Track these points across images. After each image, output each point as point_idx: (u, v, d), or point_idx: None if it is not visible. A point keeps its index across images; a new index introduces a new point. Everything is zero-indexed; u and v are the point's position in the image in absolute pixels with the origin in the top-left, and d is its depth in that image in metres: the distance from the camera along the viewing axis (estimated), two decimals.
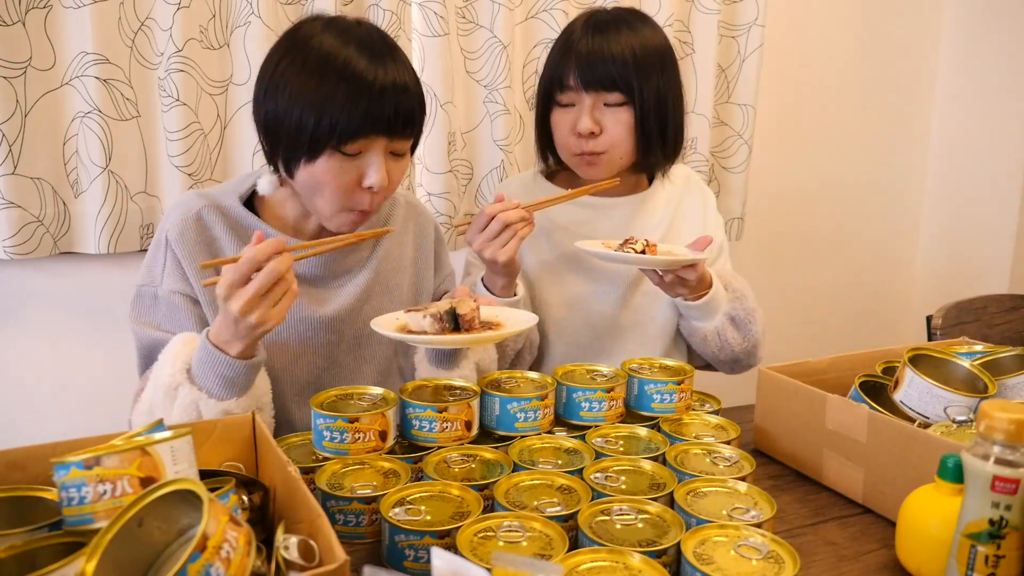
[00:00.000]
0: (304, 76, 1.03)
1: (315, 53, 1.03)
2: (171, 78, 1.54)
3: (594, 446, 0.97)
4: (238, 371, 0.96)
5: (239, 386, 0.98)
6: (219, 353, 0.96)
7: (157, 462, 0.65)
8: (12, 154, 1.46)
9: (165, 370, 0.99)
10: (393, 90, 1.03)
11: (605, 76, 1.26)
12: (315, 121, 1.01)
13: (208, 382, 0.96)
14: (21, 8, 1.45)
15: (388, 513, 0.79)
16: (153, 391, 1.00)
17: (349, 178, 1.06)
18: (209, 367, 0.96)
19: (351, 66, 1.02)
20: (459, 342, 1.03)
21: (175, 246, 1.11)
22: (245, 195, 1.18)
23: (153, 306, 1.11)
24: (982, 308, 1.87)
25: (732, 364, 1.40)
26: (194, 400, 0.96)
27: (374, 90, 1.02)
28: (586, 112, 1.28)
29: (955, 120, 2.61)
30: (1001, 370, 1.07)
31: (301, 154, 1.04)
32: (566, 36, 1.32)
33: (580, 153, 1.32)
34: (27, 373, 1.63)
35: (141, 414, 1.02)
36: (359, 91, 1.01)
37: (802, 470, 1.05)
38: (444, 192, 1.82)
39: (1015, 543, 0.70)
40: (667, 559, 0.74)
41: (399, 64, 1.06)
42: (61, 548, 0.63)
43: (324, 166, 1.04)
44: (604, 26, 1.28)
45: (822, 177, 2.52)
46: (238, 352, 0.95)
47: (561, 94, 1.30)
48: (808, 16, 2.38)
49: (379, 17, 1.69)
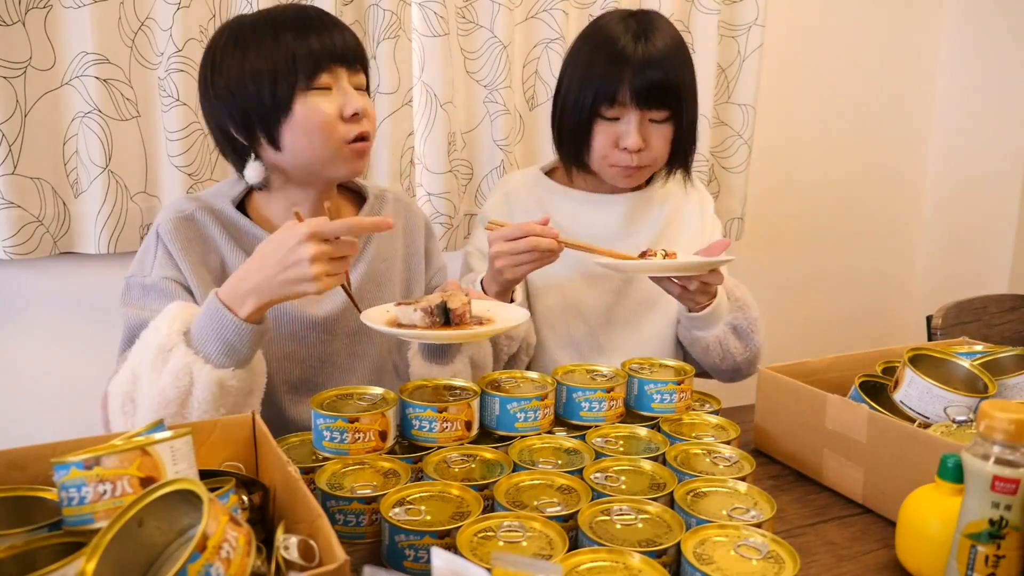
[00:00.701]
0: (243, 48, 1.06)
1: (247, 27, 1.08)
2: (171, 78, 1.54)
3: (594, 446, 0.97)
4: (243, 336, 0.94)
5: (240, 355, 0.95)
6: (228, 313, 0.93)
7: (157, 462, 0.65)
8: (12, 154, 1.46)
9: (161, 331, 0.95)
10: (332, 23, 1.10)
11: (659, 97, 1.28)
12: (271, 75, 1.05)
13: (208, 347, 0.94)
14: (21, 8, 1.45)
15: (388, 513, 0.79)
16: (140, 356, 0.96)
17: (330, 111, 1.08)
18: (212, 329, 0.93)
19: (286, 14, 1.08)
20: (450, 337, 1.02)
21: (167, 240, 1.11)
22: (237, 199, 1.19)
23: (143, 294, 1.10)
24: (982, 308, 1.87)
25: (733, 374, 1.40)
26: (188, 364, 0.93)
27: (316, 24, 1.07)
28: (635, 128, 1.29)
29: (955, 120, 2.61)
30: (1001, 370, 1.07)
31: (278, 114, 1.06)
32: (611, 46, 1.28)
33: (622, 166, 1.32)
34: (27, 373, 1.63)
35: (122, 382, 0.97)
36: (304, 28, 1.06)
37: (802, 470, 1.05)
38: (444, 192, 1.82)
39: (1015, 543, 0.70)
40: (667, 559, 0.74)
41: (321, 10, 1.12)
42: (61, 548, 0.63)
43: (302, 111, 1.06)
44: (651, 36, 1.27)
45: (822, 177, 2.52)
46: (249, 312, 0.93)
47: (610, 109, 1.29)
48: (808, 16, 2.38)
49: (379, 17, 1.69)
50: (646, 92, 1.26)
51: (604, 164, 1.34)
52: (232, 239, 1.15)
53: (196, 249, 1.13)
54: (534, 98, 1.94)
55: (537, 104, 1.94)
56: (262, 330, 0.96)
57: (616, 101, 1.27)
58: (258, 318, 0.95)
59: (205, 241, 1.14)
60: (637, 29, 1.28)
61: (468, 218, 1.94)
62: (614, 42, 1.27)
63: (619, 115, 1.29)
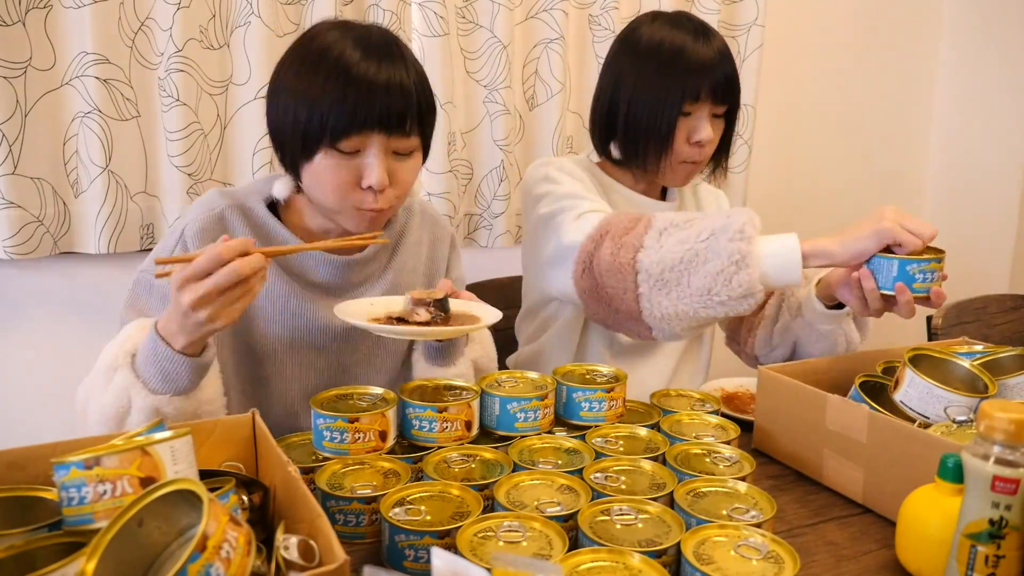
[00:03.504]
0: (301, 74, 1.02)
1: (314, 51, 1.03)
2: (171, 78, 1.54)
3: (594, 446, 0.97)
4: (179, 367, 0.93)
5: (177, 385, 0.94)
6: (163, 344, 0.92)
7: (157, 462, 0.65)
8: (12, 154, 1.46)
9: (112, 350, 0.96)
10: (386, 87, 1.01)
11: (729, 91, 1.31)
12: (307, 118, 1.00)
13: (146, 373, 0.93)
14: (21, 8, 1.45)
15: (388, 513, 0.79)
16: (96, 370, 0.97)
17: (347, 177, 1.03)
18: (151, 357, 0.93)
19: (343, 60, 1.00)
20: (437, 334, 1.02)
21: (190, 241, 1.09)
22: (270, 198, 1.16)
23: (147, 293, 1.09)
24: (982, 308, 1.87)
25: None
26: (127, 387, 0.93)
27: (362, 86, 1.00)
28: (707, 122, 1.31)
29: (955, 120, 2.61)
30: (1001, 370, 1.07)
31: (300, 153, 1.04)
32: (682, 47, 1.28)
33: (690, 161, 1.34)
34: (27, 373, 1.63)
35: (84, 387, 0.99)
36: (348, 86, 0.99)
37: (802, 470, 1.05)
38: (444, 192, 1.82)
39: (1015, 543, 0.70)
40: (667, 559, 0.74)
41: (397, 62, 1.03)
42: (61, 548, 0.63)
43: (321, 164, 1.03)
44: (708, 35, 1.30)
45: (822, 177, 2.52)
46: (182, 346, 0.92)
47: (692, 105, 1.30)
48: (808, 16, 2.38)
49: (379, 17, 1.69)
50: (724, 88, 1.30)
51: (677, 162, 1.35)
52: (259, 242, 1.12)
53: None
54: (534, 98, 1.94)
55: (537, 104, 1.95)
56: (201, 363, 0.95)
57: (698, 98, 1.29)
58: (194, 351, 0.94)
59: None
60: (694, 28, 1.31)
61: (468, 218, 1.94)
62: (683, 43, 1.29)
63: (692, 110, 1.31)
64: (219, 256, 0.85)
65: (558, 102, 1.93)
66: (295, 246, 1.04)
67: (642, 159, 1.34)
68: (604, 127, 1.38)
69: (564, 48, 1.91)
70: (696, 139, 1.31)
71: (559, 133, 1.95)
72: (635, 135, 1.33)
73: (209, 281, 0.86)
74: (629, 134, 1.34)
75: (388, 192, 1.06)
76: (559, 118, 1.94)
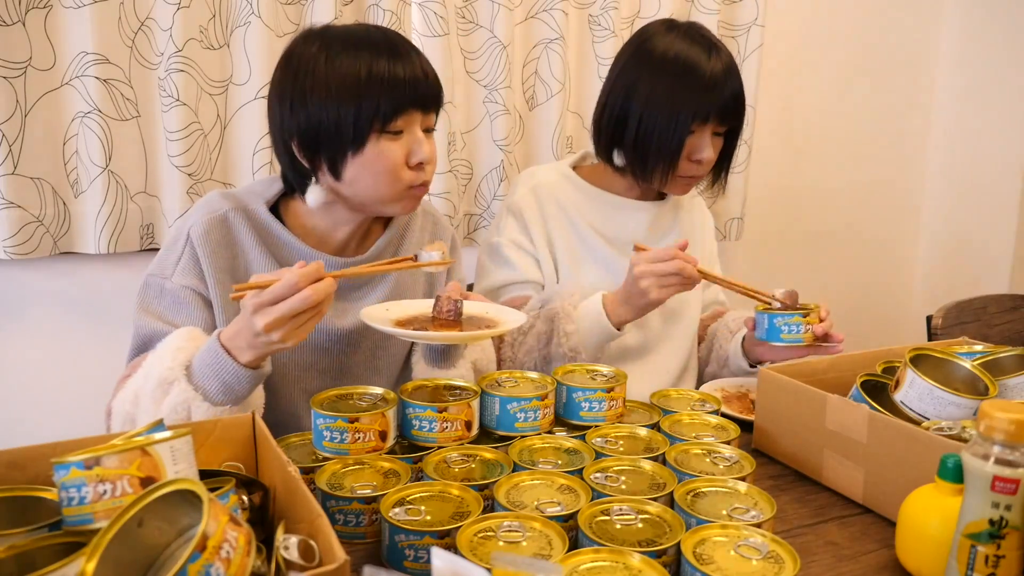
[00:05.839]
0: (333, 68, 1.03)
1: (337, 45, 1.04)
2: (171, 78, 1.54)
3: (594, 446, 0.97)
4: (241, 380, 0.95)
5: (237, 395, 0.96)
6: (227, 358, 0.94)
7: (157, 462, 0.65)
8: (12, 154, 1.46)
9: (164, 362, 0.97)
10: (420, 62, 1.07)
11: (735, 113, 1.35)
12: (355, 109, 1.03)
13: (207, 384, 0.95)
14: (21, 8, 1.45)
15: (388, 513, 0.79)
16: (143, 380, 0.97)
17: (398, 158, 1.06)
18: (212, 369, 0.95)
19: (376, 43, 1.05)
20: (453, 338, 1.02)
21: (197, 243, 1.09)
22: (272, 200, 1.16)
23: (159, 297, 1.10)
24: (982, 308, 1.87)
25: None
26: (187, 400, 0.94)
27: (404, 62, 1.04)
28: (709, 141, 1.34)
29: (955, 120, 2.61)
30: (1001, 370, 1.07)
31: (347, 148, 1.05)
32: (689, 66, 1.30)
33: (688, 176, 1.37)
34: (27, 373, 1.63)
35: (124, 402, 0.98)
36: (394, 65, 1.03)
37: (802, 470, 1.05)
38: (444, 192, 1.82)
39: (1015, 543, 0.70)
40: (667, 559, 0.74)
41: (409, 46, 1.09)
42: (61, 548, 0.63)
43: (373, 151, 1.05)
44: (723, 55, 1.32)
45: (822, 177, 2.52)
46: (248, 361, 0.94)
47: (701, 125, 1.32)
48: (808, 16, 2.38)
49: (379, 17, 1.69)
50: (733, 113, 1.34)
51: (676, 175, 1.37)
52: (263, 244, 1.13)
53: (224, 255, 1.11)
54: (534, 98, 1.94)
55: (537, 104, 1.95)
56: (261, 373, 0.98)
57: (707, 119, 1.31)
58: (257, 364, 0.96)
59: (234, 246, 1.12)
60: (708, 45, 1.32)
61: (468, 218, 1.94)
62: (697, 60, 1.30)
63: (696, 129, 1.33)
64: (295, 285, 0.88)
65: (558, 102, 1.93)
66: (363, 267, 1.09)
67: (647, 171, 1.36)
68: (611, 134, 1.39)
69: (564, 48, 1.91)
70: (697, 158, 1.34)
71: (559, 133, 1.94)
72: (644, 148, 1.34)
73: (284, 306, 0.89)
74: (639, 147, 1.35)
75: (428, 168, 1.10)
76: (559, 118, 1.94)
